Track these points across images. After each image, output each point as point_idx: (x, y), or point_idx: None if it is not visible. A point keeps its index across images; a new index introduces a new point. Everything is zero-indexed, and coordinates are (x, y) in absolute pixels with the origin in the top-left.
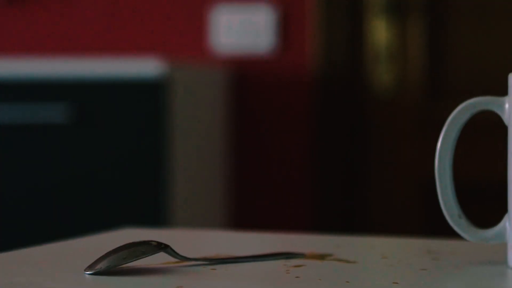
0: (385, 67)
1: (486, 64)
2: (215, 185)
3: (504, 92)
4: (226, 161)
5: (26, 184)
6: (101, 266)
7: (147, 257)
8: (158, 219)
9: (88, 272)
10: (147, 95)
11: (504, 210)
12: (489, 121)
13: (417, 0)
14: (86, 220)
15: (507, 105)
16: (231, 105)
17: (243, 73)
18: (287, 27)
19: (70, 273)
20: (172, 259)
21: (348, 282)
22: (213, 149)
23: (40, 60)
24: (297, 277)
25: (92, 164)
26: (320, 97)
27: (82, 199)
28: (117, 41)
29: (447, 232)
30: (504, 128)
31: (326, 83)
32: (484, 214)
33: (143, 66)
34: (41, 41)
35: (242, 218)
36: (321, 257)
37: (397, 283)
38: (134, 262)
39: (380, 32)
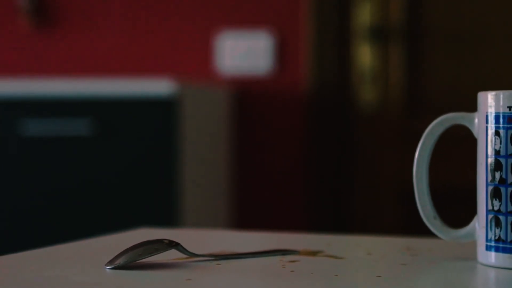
0: (369, 87)
1: (458, 84)
2: (220, 190)
3: (474, 109)
4: (229, 169)
5: (54, 188)
6: (120, 261)
7: (160, 254)
8: (170, 220)
9: (108, 267)
10: (160, 111)
11: (474, 212)
12: (461, 134)
13: (397, 27)
14: (106, 221)
15: (476, 120)
16: (234, 120)
17: (245, 92)
18: (283, 51)
19: (92, 267)
20: (182, 255)
21: (337, 275)
22: (218, 159)
23: (65, 80)
24: (292, 271)
25: (112, 171)
26: (312, 112)
27: (103, 202)
28: (133, 64)
29: (424, 231)
30: (474, 140)
31: (318, 100)
32: (456, 216)
33: (157, 86)
34: (66, 64)
35: (243, 219)
36: (313, 253)
37: (380, 276)
38: (149, 258)
39: (365, 56)
